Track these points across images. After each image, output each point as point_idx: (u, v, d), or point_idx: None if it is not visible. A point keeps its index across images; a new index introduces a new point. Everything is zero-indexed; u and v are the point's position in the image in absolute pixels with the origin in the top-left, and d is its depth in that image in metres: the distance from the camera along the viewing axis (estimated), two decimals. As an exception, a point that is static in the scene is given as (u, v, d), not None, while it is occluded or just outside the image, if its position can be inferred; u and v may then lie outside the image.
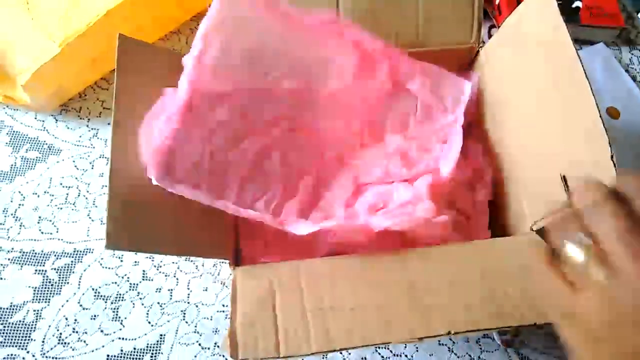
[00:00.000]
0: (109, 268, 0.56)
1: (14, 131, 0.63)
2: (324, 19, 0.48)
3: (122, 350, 0.52)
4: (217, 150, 0.47)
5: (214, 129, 0.47)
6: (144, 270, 0.56)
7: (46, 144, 0.62)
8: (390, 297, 0.40)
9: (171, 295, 0.54)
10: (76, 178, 0.60)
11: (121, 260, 0.56)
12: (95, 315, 0.53)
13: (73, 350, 0.51)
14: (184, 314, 0.54)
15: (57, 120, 0.64)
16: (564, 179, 0.41)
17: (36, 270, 0.55)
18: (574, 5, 0.70)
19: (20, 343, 0.52)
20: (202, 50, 0.44)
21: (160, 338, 0.52)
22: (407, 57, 0.52)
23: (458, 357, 0.54)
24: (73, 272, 0.55)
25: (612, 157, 0.35)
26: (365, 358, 0.53)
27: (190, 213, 0.43)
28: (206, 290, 0.55)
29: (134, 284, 0.55)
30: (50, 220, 0.58)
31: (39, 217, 0.58)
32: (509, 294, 0.39)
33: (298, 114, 0.52)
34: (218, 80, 0.46)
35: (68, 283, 0.55)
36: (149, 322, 0.53)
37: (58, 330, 0.52)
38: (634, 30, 0.74)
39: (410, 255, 0.42)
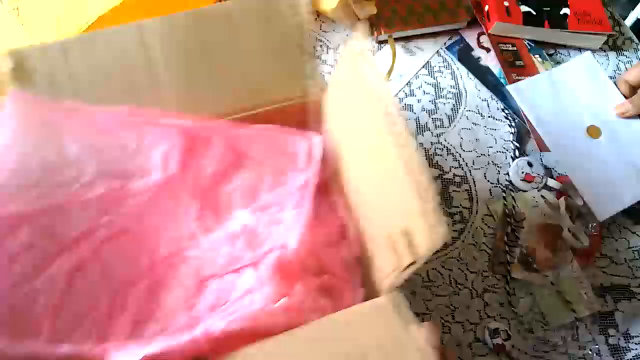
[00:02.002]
0: None
1: None
2: (133, 113, 0.46)
3: None
4: (21, 280, 0.41)
5: (15, 255, 0.42)
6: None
7: None
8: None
9: None
10: None
11: None
12: None
13: None
14: None
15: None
16: None
17: None
18: (562, 12, 0.71)
19: None
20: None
21: None
22: (242, 124, 0.49)
23: (450, 361, 0.54)
24: None
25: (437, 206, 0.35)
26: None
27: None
28: None
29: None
30: None
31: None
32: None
33: (116, 218, 0.48)
34: (15, 201, 0.42)
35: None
36: None
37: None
38: (621, 36, 0.75)
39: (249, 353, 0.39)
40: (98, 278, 0.46)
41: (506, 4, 0.70)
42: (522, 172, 0.64)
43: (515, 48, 0.71)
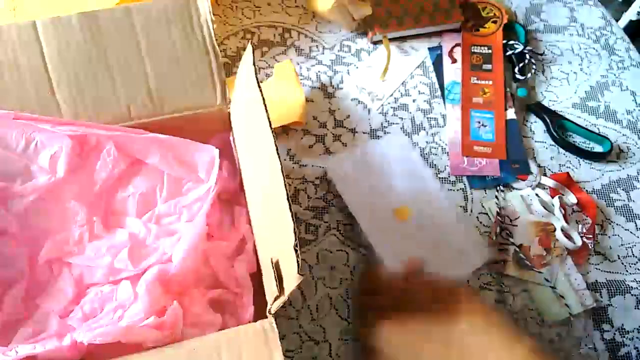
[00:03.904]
0: None
1: None
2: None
3: None
4: None
5: None
6: None
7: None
8: None
9: None
10: None
11: None
12: None
13: None
14: None
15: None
16: None
17: None
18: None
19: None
20: None
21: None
22: (138, 131, 0.49)
23: (446, 358, 0.55)
24: None
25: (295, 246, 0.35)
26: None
27: None
28: None
29: None
30: None
31: None
32: None
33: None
34: None
35: None
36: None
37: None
38: (612, 36, 0.75)
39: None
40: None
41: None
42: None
43: (490, 51, 0.71)
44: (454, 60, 0.70)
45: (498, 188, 0.63)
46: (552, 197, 0.62)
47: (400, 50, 0.71)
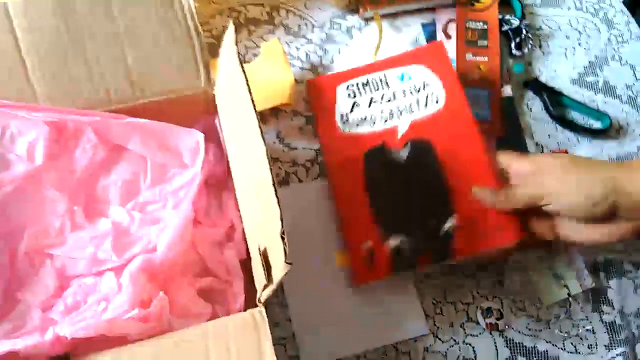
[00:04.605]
0: None
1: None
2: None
3: None
4: None
5: None
6: None
7: None
8: None
9: None
10: None
11: None
12: None
13: None
14: None
15: None
16: None
17: None
18: None
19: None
20: None
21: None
22: (118, 116, 0.47)
23: (443, 342, 0.53)
24: None
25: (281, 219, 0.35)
26: None
27: None
28: None
29: None
30: None
31: None
32: None
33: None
34: None
35: None
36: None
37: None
38: (612, 9, 0.73)
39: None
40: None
41: None
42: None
43: (485, 27, 0.68)
44: (449, 37, 0.68)
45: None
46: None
47: (392, 27, 0.69)
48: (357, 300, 0.54)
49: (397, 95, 0.61)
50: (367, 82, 0.62)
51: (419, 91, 0.60)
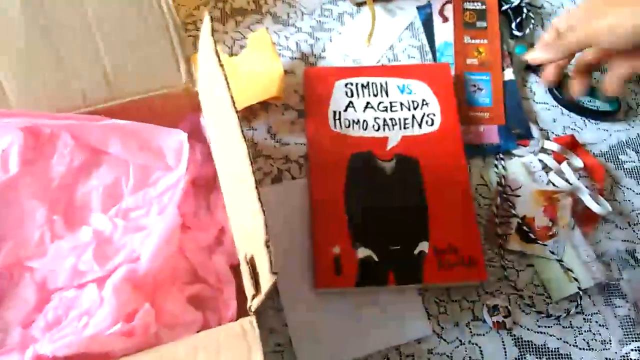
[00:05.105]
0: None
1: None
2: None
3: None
4: None
5: None
6: None
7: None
8: None
9: None
10: None
11: None
12: None
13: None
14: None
15: None
16: None
17: None
18: None
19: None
20: None
21: None
22: (95, 118, 0.45)
23: (448, 343, 0.51)
24: None
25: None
26: None
27: None
28: None
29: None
30: None
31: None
32: None
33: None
34: None
35: None
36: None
37: None
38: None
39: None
40: None
41: None
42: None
43: (484, 7, 0.65)
44: (445, 19, 0.65)
45: (498, 156, 0.59)
46: (559, 163, 0.58)
47: (386, 10, 0.66)
48: (355, 301, 0.51)
49: (394, 106, 0.59)
50: (367, 84, 0.60)
51: (416, 108, 0.59)
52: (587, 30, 0.51)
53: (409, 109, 0.58)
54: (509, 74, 0.62)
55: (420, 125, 0.58)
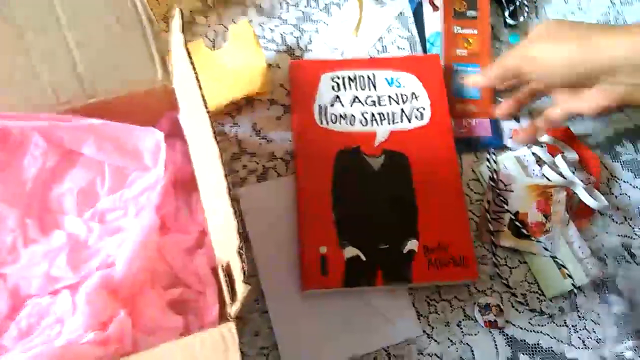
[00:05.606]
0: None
1: None
2: None
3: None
4: None
5: None
6: None
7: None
8: None
9: None
10: None
11: None
12: None
13: None
14: None
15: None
16: None
17: None
18: None
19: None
20: None
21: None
22: (67, 117, 0.43)
23: (438, 343, 0.50)
24: None
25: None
26: None
27: None
28: None
29: None
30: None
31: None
32: None
33: None
34: None
35: None
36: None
37: None
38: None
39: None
40: None
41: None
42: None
43: None
44: (436, 8, 0.62)
45: (490, 150, 0.57)
46: (553, 156, 0.56)
47: (374, 0, 0.64)
48: (343, 303, 0.50)
49: (383, 100, 0.57)
50: (355, 77, 0.58)
51: (405, 102, 0.57)
52: (522, 55, 0.49)
53: (398, 103, 0.57)
54: (500, 65, 0.60)
55: (409, 120, 0.56)
